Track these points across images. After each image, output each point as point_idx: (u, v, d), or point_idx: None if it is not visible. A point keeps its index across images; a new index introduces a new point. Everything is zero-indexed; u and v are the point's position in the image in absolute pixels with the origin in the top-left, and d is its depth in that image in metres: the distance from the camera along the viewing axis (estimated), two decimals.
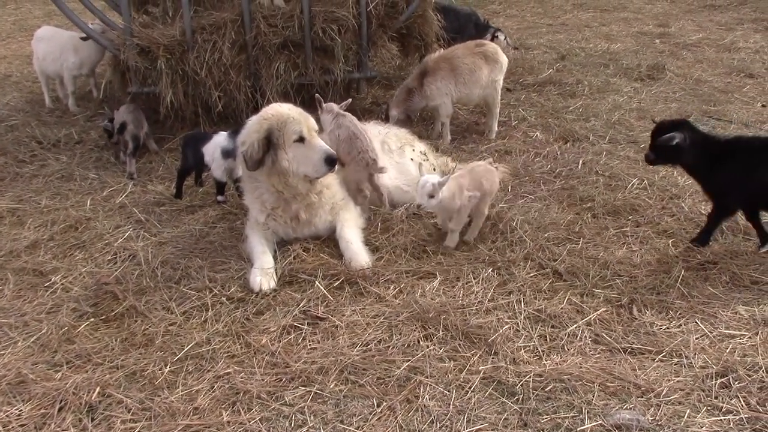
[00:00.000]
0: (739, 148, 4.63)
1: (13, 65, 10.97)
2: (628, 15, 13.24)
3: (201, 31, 7.01)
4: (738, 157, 4.56)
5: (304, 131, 4.77)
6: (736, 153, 4.58)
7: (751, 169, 4.52)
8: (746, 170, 4.52)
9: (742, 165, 4.53)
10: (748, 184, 4.53)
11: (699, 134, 4.63)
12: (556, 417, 3.33)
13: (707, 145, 4.61)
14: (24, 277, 4.79)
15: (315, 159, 4.78)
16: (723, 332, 3.94)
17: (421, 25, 8.01)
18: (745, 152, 4.58)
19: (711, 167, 4.59)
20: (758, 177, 4.49)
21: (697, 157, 4.59)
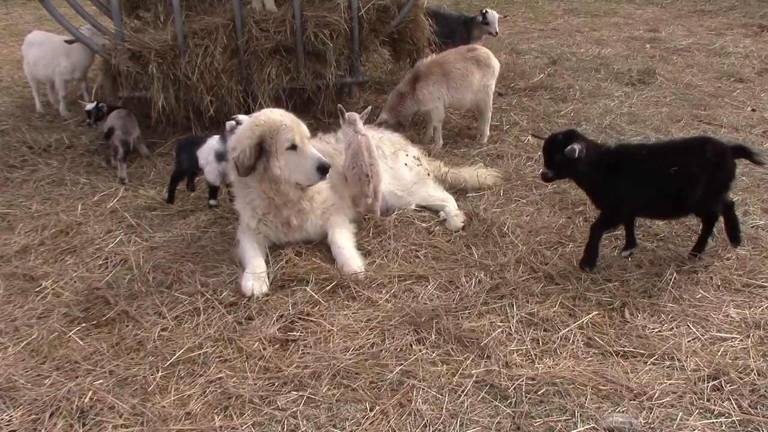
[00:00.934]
0: (629, 156, 4.58)
1: (4, 70, 10.93)
2: (619, 20, 13.30)
3: (193, 35, 7.01)
4: (629, 166, 4.48)
5: (296, 139, 4.76)
6: (627, 161, 4.50)
7: (642, 177, 4.45)
8: (638, 179, 4.45)
9: (634, 173, 4.46)
10: (640, 192, 4.48)
11: (590, 144, 4.51)
12: (548, 420, 3.33)
13: (599, 155, 4.51)
14: (14, 282, 4.77)
15: (307, 167, 4.77)
16: (715, 335, 3.95)
17: (412, 29, 8.03)
18: (636, 160, 4.53)
19: (604, 177, 4.47)
20: (648, 185, 4.45)
21: (591, 167, 4.45)
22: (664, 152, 4.60)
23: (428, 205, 5.66)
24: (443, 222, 5.42)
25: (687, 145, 4.66)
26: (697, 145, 4.50)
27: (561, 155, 4.33)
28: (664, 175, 4.37)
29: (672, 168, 4.33)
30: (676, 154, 4.47)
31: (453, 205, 5.57)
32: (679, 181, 4.36)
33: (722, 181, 4.48)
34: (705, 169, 4.36)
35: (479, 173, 6.05)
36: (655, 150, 4.75)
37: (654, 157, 4.54)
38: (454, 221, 5.34)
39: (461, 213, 5.43)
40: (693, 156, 4.39)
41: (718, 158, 4.37)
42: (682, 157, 4.42)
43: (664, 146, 4.94)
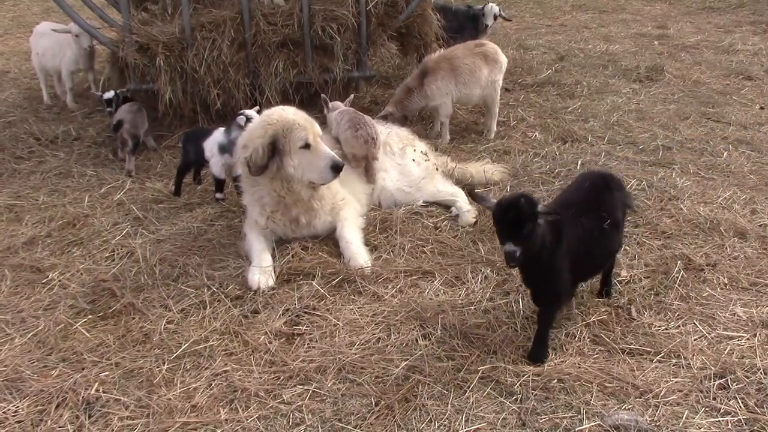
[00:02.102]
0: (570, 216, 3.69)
1: (11, 61, 10.94)
2: (627, 16, 13.25)
3: (200, 28, 7.00)
4: (570, 229, 3.64)
5: (310, 138, 4.75)
6: (568, 223, 3.64)
7: (584, 238, 3.70)
8: (581, 242, 3.68)
9: (575, 237, 3.66)
10: (583, 259, 3.74)
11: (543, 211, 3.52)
12: (554, 417, 3.32)
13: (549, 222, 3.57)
14: (21, 273, 4.78)
15: (321, 166, 4.77)
16: (721, 334, 3.94)
17: (420, 24, 8.00)
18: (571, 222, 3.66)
19: (552, 245, 3.57)
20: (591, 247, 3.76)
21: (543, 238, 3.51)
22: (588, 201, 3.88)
23: (438, 200, 5.65)
24: (455, 218, 5.41)
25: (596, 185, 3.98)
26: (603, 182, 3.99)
27: (533, 223, 3.36)
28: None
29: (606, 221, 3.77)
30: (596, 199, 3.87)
31: (464, 199, 5.56)
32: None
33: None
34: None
35: (486, 169, 6.04)
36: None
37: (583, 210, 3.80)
38: (466, 217, 5.34)
39: (473, 208, 5.42)
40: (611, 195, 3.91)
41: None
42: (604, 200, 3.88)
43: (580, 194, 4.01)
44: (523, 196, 3.39)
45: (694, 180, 5.91)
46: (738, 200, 5.52)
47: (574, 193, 4.02)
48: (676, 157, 6.40)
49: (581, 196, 3.94)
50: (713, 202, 5.48)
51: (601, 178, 4.04)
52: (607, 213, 3.80)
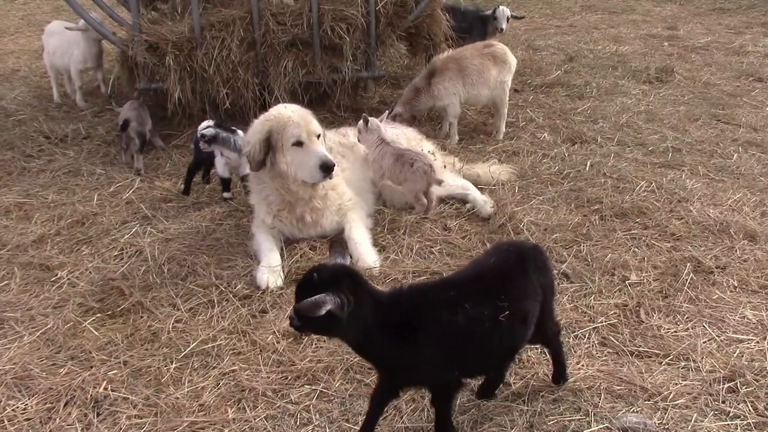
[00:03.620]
0: (425, 303, 2.95)
1: (21, 60, 10.98)
2: (637, 17, 13.22)
3: (209, 28, 7.01)
4: (429, 318, 2.91)
5: (302, 135, 4.74)
6: (423, 311, 2.92)
7: (451, 333, 2.91)
8: (444, 337, 2.91)
9: (451, 324, 2.90)
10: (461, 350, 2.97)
11: (368, 295, 2.84)
12: (562, 419, 3.31)
13: (384, 310, 2.86)
14: (30, 271, 4.79)
15: (310, 164, 4.73)
16: (731, 336, 3.92)
17: (429, 24, 7.99)
18: (436, 309, 2.92)
19: (402, 340, 2.88)
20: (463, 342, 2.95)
21: (375, 329, 2.84)
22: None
23: (450, 195, 5.64)
24: (473, 211, 5.40)
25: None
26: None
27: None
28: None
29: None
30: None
31: (475, 190, 5.57)
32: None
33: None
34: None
35: (493, 169, 6.03)
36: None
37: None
38: (485, 208, 5.34)
39: (489, 198, 5.42)
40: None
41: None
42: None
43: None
44: (321, 272, 2.76)
45: (703, 182, 5.89)
46: (748, 202, 5.49)
47: (472, 270, 3.27)
48: (685, 159, 6.38)
49: (478, 274, 3.17)
50: (723, 204, 5.46)
51: (515, 253, 3.20)
52: (510, 301, 2.98)
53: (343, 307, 2.67)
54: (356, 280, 2.82)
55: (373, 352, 2.97)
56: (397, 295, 3.03)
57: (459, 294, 2.98)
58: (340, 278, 2.74)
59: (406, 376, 3.00)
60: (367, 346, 2.94)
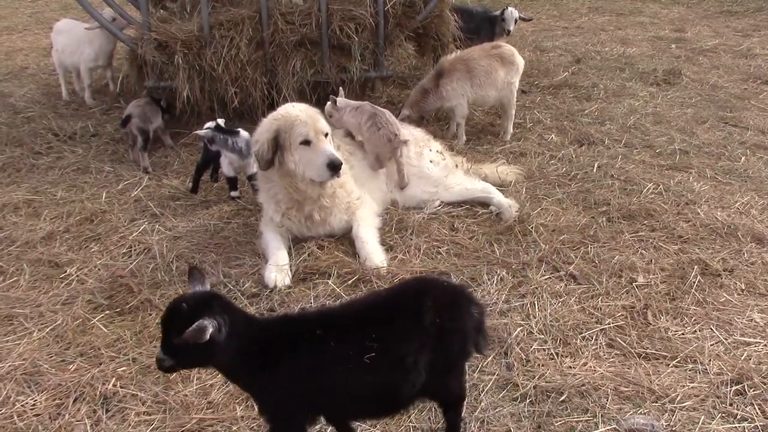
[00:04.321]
0: (291, 332, 2.80)
1: (30, 57, 11.02)
2: (644, 19, 13.20)
3: (218, 26, 7.02)
4: (304, 348, 2.73)
5: (310, 134, 4.75)
6: (299, 341, 2.74)
7: (324, 365, 2.72)
8: (316, 368, 2.72)
9: (311, 360, 2.71)
10: (321, 388, 2.74)
11: (238, 315, 2.72)
12: (570, 420, 3.32)
13: (252, 332, 2.73)
14: (39, 268, 4.81)
15: (318, 163, 4.73)
16: (738, 339, 3.92)
17: (438, 25, 8.00)
18: (298, 339, 2.74)
19: (261, 367, 2.71)
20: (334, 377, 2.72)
21: (240, 352, 2.67)
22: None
23: (471, 199, 5.63)
24: (497, 215, 5.40)
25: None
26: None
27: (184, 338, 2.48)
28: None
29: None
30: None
31: (498, 194, 5.56)
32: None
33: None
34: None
35: (500, 170, 6.04)
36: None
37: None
38: (509, 212, 5.33)
39: (512, 201, 5.46)
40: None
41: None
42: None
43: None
44: (187, 301, 2.61)
45: (711, 184, 5.89)
46: (756, 205, 5.49)
47: (357, 303, 3.18)
48: (693, 161, 6.37)
49: (358, 308, 3.01)
50: (731, 207, 5.46)
51: (416, 291, 2.93)
52: (386, 342, 2.70)
53: (220, 329, 2.55)
54: (226, 302, 2.71)
55: (240, 378, 2.84)
56: (268, 320, 2.92)
57: (328, 327, 2.76)
58: (210, 302, 2.63)
59: (269, 408, 2.80)
60: (235, 372, 2.80)
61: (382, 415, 3.01)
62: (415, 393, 2.82)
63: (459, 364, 2.97)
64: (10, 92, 8.92)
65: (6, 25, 13.53)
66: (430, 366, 2.76)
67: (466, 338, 2.86)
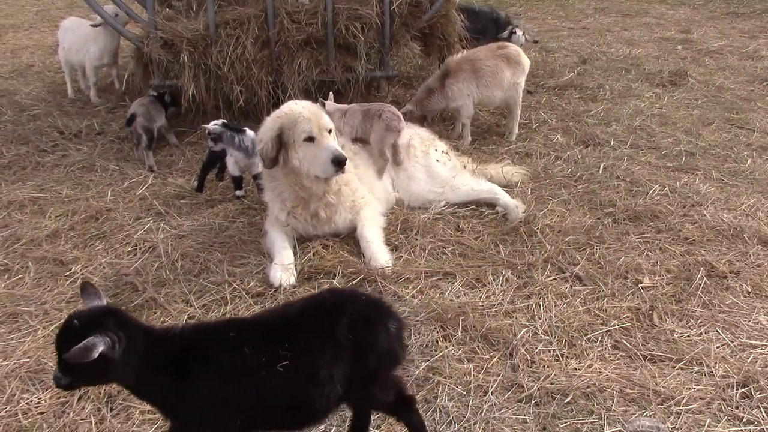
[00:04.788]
0: (200, 341, 2.73)
1: (36, 55, 11.03)
2: (650, 20, 13.17)
3: (224, 25, 7.03)
4: (211, 360, 2.66)
5: (314, 130, 4.74)
6: (209, 351, 2.68)
7: (235, 376, 2.65)
8: (227, 380, 2.65)
9: (219, 372, 2.65)
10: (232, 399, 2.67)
11: (137, 329, 2.65)
12: (575, 422, 3.31)
13: (157, 345, 2.66)
14: (45, 266, 4.81)
15: (322, 159, 4.72)
16: (744, 342, 3.91)
17: (444, 25, 8.01)
18: (208, 348, 2.69)
19: (170, 379, 2.63)
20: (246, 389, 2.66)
21: (145, 366, 2.61)
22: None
23: (477, 200, 5.62)
24: (504, 216, 5.39)
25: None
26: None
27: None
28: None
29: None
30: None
31: (505, 194, 5.55)
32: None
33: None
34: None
35: (505, 170, 6.02)
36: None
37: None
38: (515, 213, 5.32)
39: (519, 202, 5.44)
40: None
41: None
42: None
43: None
44: (80, 318, 2.53)
45: (717, 186, 5.87)
46: (762, 207, 5.48)
47: (269, 313, 3.16)
48: (699, 163, 6.36)
49: (270, 319, 2.97)
50: (737, 209, 5.44)
51: (330, 304, 2.86)
52: (297, 354, 2.65)
53: (114, 346, 2.47)
54: (122, 317, 2.62)
55: (148, 393, 2.74)
56: (172, 330, 2.78)
57: (239, 336, 2.72)
58: (103, 318, 2.55)
59: (181, 420, 2.74)
60: (142, 387, 2.71)
61: (296, 428, 2.88)
62: (332, 405, 2.77)
63: (382, 375, 2.86)
64: (15, 90, 8.94)
65: (12, 23, 13.55)
66: (348, 380, 2.71)
67: (383, 353, 2.79)
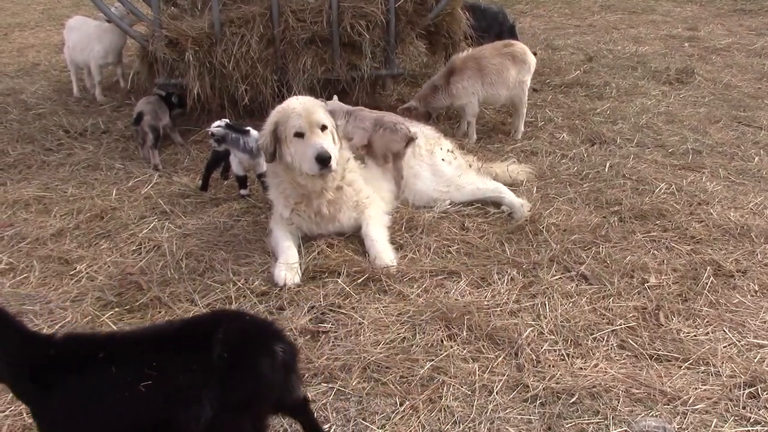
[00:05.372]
0: (83, 354, 2.65)
1: (42, 54, 11.05)
2: (657, 18, 13.10)
3: (229, 24, 7.02)
4: (75, 374, 2.60)
5: (303, 126, 4.72)
6: (79, 364, 2.62)
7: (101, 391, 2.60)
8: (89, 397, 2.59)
9: (81, 388, 2.59)
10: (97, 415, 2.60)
11: (14, 334, 2.59)
12: (580, 422, 3.29)
13: (32, 352, 2.60)
14: (49, 264, 4.82)
15: (308, 155, 4.70)
16: (751, 341, 3.88)
17: (449, 23, 7.98)
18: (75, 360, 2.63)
19: (38, 389, 2.57)
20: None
21: (18, 372, 2.58)
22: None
23: (482, 199, 5.59)
24: (510, 215, 5.37)
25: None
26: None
27: None
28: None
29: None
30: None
31: (510, 193, 5.53)
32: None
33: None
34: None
35: (511, 168, 6.00)
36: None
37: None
38: (521, 212, 5.30)
39: (524, 200, 5.42)
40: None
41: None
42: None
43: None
44: None
45: (724, 184, 5.84)
46: None
47: (150, 333, 2.97)
48: (706, 161, 6.32)
49: (150, 338, 2.83)
50: (744, 208, 5.41)
51: (205, 326, 2.77)
52: (167, 372, 2.58)
53: None
54: (2, 319, 2.53)
55: (23, 398, 2.68)
56: (52, 338, 2.68)
57: (110, 352, 2.64)
58: None
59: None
60: (18, 392, 2.65)
61: None
62: (203, 428, 2.60)
63: (255, 407, 2.69)
64: (21, 89, 8.94)
65: (18, 22, 13.58)
66: (218, 403, 2.60)
67: (264, 377, 2.67)
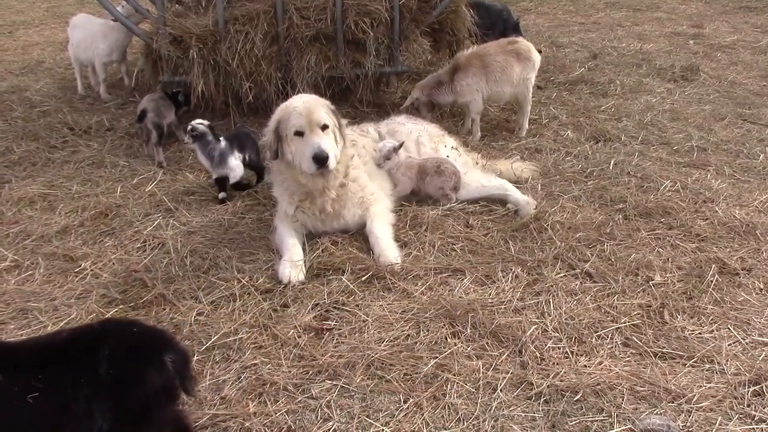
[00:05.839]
0: None
1: (46, 51, 11.06)
2: (662, 15, 13.07)
3: (233, 21, 7.02)
4: None
5: (303, 125, 4.73)
6: None
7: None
8: None
9: None
10: None
11: None
12: (585, 420, 3.29)
13: None
14: (54, 262, 4.83)
15: (306, 155, 4.71)
16: (756, 339, 3.88)
17: (453, 20, 7.96)
18: None
19: None
20: None
21: None
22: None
23: (487, 196, 5.58)
24: (515, 213, 5.36)
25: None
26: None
27: None
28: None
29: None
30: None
31: (515, 190, 5.51)
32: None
33: None
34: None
35: (515, 166, 5.99)
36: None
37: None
38: (527, 209, 5.30)
39: (530, 198, 5.41)
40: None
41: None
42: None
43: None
44: None
45: (729, 182, 5.82)
46: None
47: (37, 344, 2.93)
48: (711, 159, 6.31)
49: (43, 346, 2.81)
50: (749, 205, 5.40)
51: (95, 336, 2.75)
52: (54, 385, 2.57)
53: None
54: None
55: None
56: None
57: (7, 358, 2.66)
58: None
59: None
60: None
61: None
62: None
63: (153, 415, 2.74)
64: (26, 86, 8.96)
65: (23, 19, 13.59)
66: (111, 415, 2.61)
67: (154, 388, 2.69)
